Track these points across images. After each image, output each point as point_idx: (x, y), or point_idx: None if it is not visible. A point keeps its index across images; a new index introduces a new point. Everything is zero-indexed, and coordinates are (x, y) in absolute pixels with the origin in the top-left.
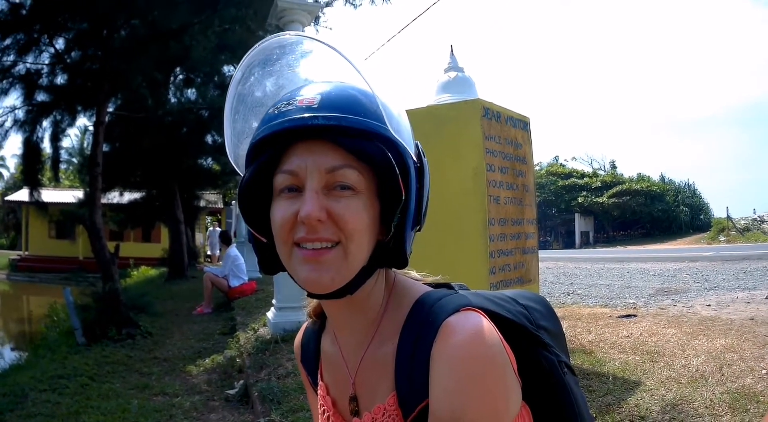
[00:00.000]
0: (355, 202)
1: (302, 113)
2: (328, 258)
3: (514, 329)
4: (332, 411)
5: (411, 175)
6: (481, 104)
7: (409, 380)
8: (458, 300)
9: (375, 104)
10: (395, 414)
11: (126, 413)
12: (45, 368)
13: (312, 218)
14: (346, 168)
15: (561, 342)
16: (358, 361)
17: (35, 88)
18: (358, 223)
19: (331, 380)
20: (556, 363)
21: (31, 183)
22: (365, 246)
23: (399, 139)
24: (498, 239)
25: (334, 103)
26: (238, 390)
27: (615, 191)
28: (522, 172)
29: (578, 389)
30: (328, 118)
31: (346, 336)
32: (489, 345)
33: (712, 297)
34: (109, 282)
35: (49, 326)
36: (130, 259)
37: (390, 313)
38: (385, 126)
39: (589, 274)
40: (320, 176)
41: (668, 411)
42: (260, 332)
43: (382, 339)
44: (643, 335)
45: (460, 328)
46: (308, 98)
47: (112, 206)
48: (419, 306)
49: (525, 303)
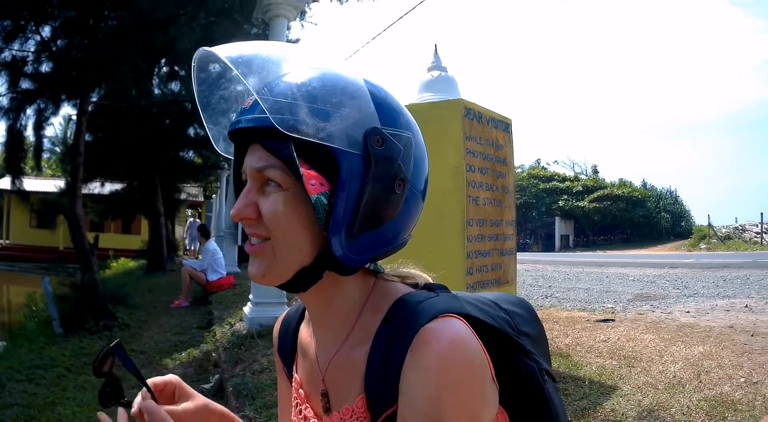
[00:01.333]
0: (277, 199)
1: (240, 115)
2: (258, 252)
3: (496, 335)
4: (305, 405)
5: (341, 171)
6: (464, 104)
7: (380, 384)
8: (439, 304)
9: (298, 97)
10: (363, 417)
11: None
12: (22, 358)
13: (236, 217)
14: (269, 168)
15: (543, 347)
16: (329, 359)
17: (20, 76)
18: (278, 221)
19: (304, 374)
20: (536, 370)
21: (13, 171)
22: (297, 246)
23: (306, 134)
24: (476, 240)
25: (265, 102)
26: (213, 385)
27: (596, 196)
28: (502, 174)
29: (557, 396)
30: (249, 120)
31: (320, 331)
32: (467, 356)
33: (692, 304)
34: (87, 273)
35: (27, 316)
36: (109, 250)
37: (366, 315)
38: (315, 123)
39: (567, 278)
40: (252, 176)
41: (644, 416)
42: (236, 327)
43: (356, 340)
44: (621, 340)
45: (438, 336)
46: (249, 99)
47: (94, 197)
48: (397, 308)
49: (507, 307)
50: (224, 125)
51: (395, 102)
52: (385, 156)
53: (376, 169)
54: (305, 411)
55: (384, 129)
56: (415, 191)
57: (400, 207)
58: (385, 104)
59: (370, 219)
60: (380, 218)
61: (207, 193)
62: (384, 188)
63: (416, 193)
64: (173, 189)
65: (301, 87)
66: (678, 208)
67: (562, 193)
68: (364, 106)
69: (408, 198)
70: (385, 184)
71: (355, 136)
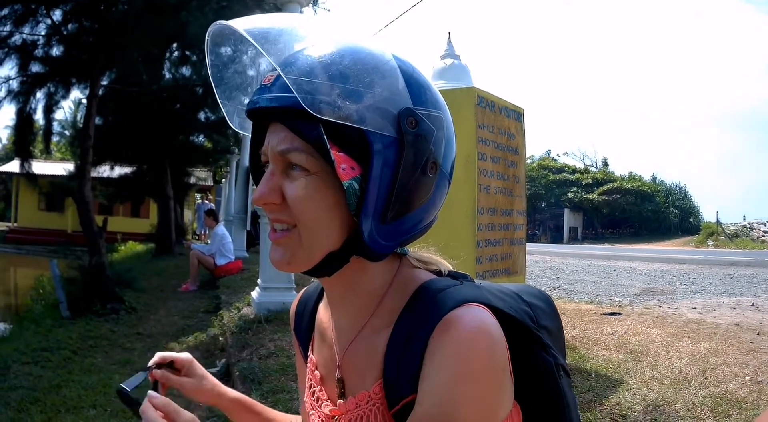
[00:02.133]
0: (304, 184)
1: (259, 93)
2: (283, 240)
3: (516, 327)
4: (319, 387)
5: (374, 155)
6: (476, 92)
7: (399, 370)
8: (463, 292)
9: (328, 75)
10: (380, 404)
11: (107, 388)
12: (29, 341)
13: (259, 202)
14: (294, 151)
15: (560, 342)
16: (347, 344)
17: (30, 59)
18: (305, 206)
19: (320, 356)
20: (553, 364)
21: (22, 154)
22: (325, 231)
23: (338, 117)
24: (486, 228)
25: (293, 82)
26: (220, 369)
27: (606, 189)
28: (514, 163)
29: (570, 392)
30: (271, 99)
31: (339, 315)
32: (492, 345)
33: (698, 301)
34: (95, 256)
35: (35, 298)
36: (117, 234)
37: (388, 300)
38: (342, 103)
39: (575, 270)
40: (275, 159)
41: (650, 411)
42: (244, 311)
43: (377, 326)
44: (628, 334)
45: (463, 323)
46: (269, 75)
47: (103, 180)
48: (420, 295)
49: (529, 300)
50: (239, 101)
51: (423, 78)
52: (419, 138)
53: (409, 152)
54: (319, 393)
55: (416, 109)
56: (444, 173)
57: (432, 191)
58: (414, 81)
59: (402, 205)
60: (412, 203)
61: (216, 177)
62: (417, 172)
63: (445, 175)
64: (183, 173)
65: (331, 65)
66: (687, 203)
67: (571, 185)
68: (396, 85)
69: (437, 181)
70: (418, 168)
71: (388, 118)
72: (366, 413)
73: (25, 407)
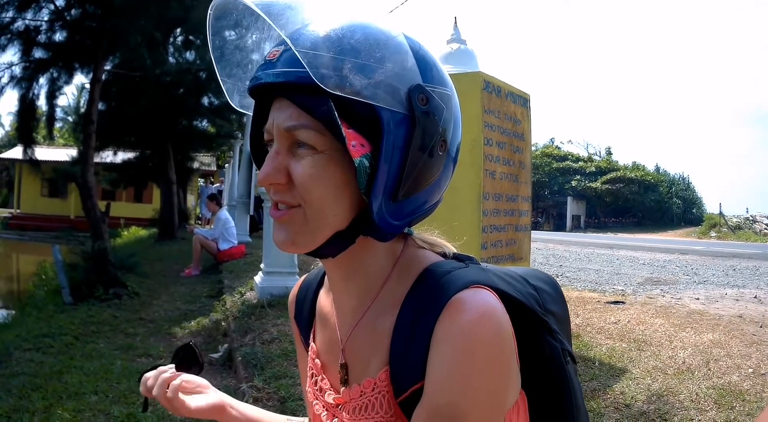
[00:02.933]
0: (312, 162)
1: (264, 69)
2: (287, 219)
3: (523, 312)
4: (321, 376)
5: (385, 133)
6: (482, 77)
7: (406, 356)
8: (469, 275)
9: (338, 49)
10: (386, 391)
11: (109, 374)
12: (31, 327)
13: (264, 182)
14: (301, 128)
15: (566, 327)
16: (351, 328)
17: (33, 45)
18: (313, 186)
19: (322, 343)
20: (559, 350)
21: (25, 140)
22: (332, 211)
23: (349, 92)
24: (492, 214)
25: (292, 56)
26: (222, 354)
27: (609, 177)
28: (519, 149)
29: (576, 378)
30: (277, 74)
31: (342, 298)
32: (498, 330)
33: (701, 291)
34: (98, 242)
35: (37, 284)
36: (120, 219)
37: (393, 282)
38: (354, 80)
39: (578, 258)
40: (280, 136)
41: (653, 401)
42: (247, 296)
43: (381, 309)
44: (631, 323)
45: (469, 307)
46: (274, 50)
47: (106, 165)
48: (426, 277)
49: (536, 284)
50: (240, 78)
51: (431, 55)
52: (429, 115)
53: (419, 129)
54: (321, 382)
55: (426, 86)
56: (451, 154)
57: (440, 170)
58: (423, 58)
59: (412, 183)
60: (421, 182)
61: (220, 162)
62: (427, 150)
63: (451, 156)
64: (186, 158)
65: (342, 39)
66: (690, 194)
67: (575, 173)
68: (406, 61)
69: (445, 161)
70: (428, 146)
71: (399, 94)
72: (371, 401)
73: (27, 394)
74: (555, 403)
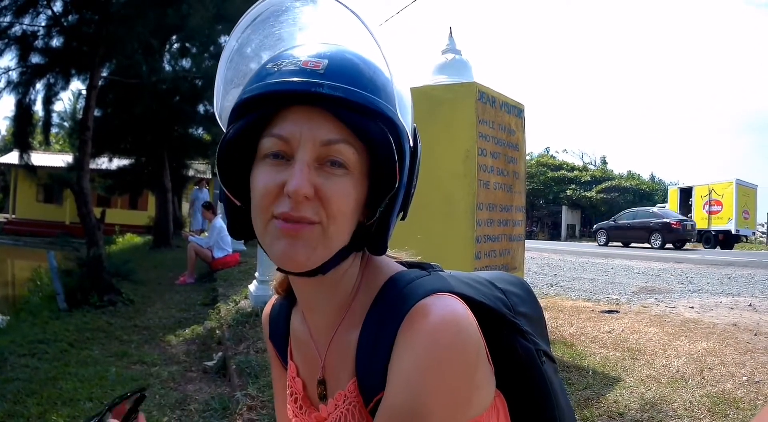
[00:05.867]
0: (345, 182)
1: (306, 77)
2: (305, 234)
3: (490, 315)
4: (301, 395)
5: (405, 160)
6: (477, 88)
7: (371, 366)
8: (432, 282)
9: (383, 80)
10: (356, 401)
11: (103, 380)
12: (26, 332)
13: (300, 194)
14: (342, 143)
15: (540, 327)
16: (327, 343)
17: (30, 50)
18: (343, 206)
19: (300, 360)
20: (533, 351)
21: (21, 145)
22: (347, 229)
23: (401, 121)
24: (485, 224)
25: (341, 72)
26: (217, 362)
27: (604, 186)
28: (514, 159)
29: (556, 377)
30: (334, 88)
31: (315, 317)
32: (460, 333)
33: (696, 300)
34: (93, 248)
35: (32, 290)
36: (115, 226)
37: (360, 295)
38: (391, 106)
39: (573, 267)
40: (314, 147)
41: (647, 409)
42: (241, 304)
43: (351, 323)
44: (625, 332)
45: (431, 313)
46: (314, 61)
47: (101, 172)
48: (388, 287)
49: (503, 287)
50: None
51: None
52: (418, 150)
53: (418, 159)
54: (302, 400)
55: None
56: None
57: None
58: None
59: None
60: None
61: (215, 170)
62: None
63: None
64: (181, 165)
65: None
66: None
67: (570, 182)
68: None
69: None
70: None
71: (411, 127)
72: (344, 412)
73: (21, 399)
74: (535, 403)
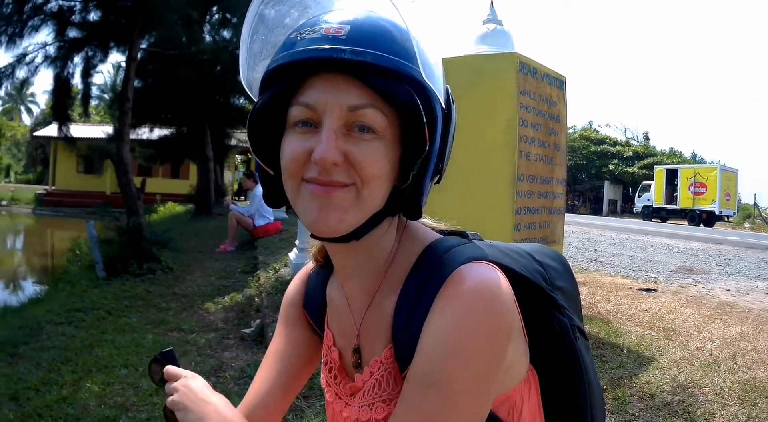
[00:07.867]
0: (375, 146)
1: (328, 44)
2: (338, 196)
3: (528, 287)
4: (337, 365)
5: (437, 123)
6: (518, 58)
7: (407, 332)
8: (471, 250)
9: (408, 42)
10: (392, 368)
11: (140, 348)
12: (63, 301)
13: (327, 161)
14: (370, 108)
15: (575, 303)
16: (363, 311)
17: (67, 25)
18: (376, 169)
19: (337, 329)
20: (568, 326)
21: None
22: (381, 193)
23: (429, 83)
24: (525, 196)
25: (364, 36)
26: (254, 330)
27: (646, 163)
28: (555, 131)
29: (588, 354)
30: (356, 52)
31: (352, 284)
32: (497, 301)
33: (732, 283)
34: (133, 217)
35: (71, 260)
36: (157, 195)
37: (398, 261)
38: (417, 68)
39: (613, 243)
40: (340, 114)
41: (678, 392)
42: (281, 272)
43: (387, 290)
44: (661, 311)
45: (468, 279)
46: (335, 27)
47: (142, 142)
48: (427, 254)
49: (542, 260)
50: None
51: None
52: (451, 111)
53: (453, 122)
54: (336, 369)
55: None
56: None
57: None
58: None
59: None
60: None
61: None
62: (450, 140)
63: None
64: (223, 134)
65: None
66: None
67: (612, 157)
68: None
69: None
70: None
71: (443, 91)
72: (379, 380)
73: (56, 367)
74: (566, 379)
